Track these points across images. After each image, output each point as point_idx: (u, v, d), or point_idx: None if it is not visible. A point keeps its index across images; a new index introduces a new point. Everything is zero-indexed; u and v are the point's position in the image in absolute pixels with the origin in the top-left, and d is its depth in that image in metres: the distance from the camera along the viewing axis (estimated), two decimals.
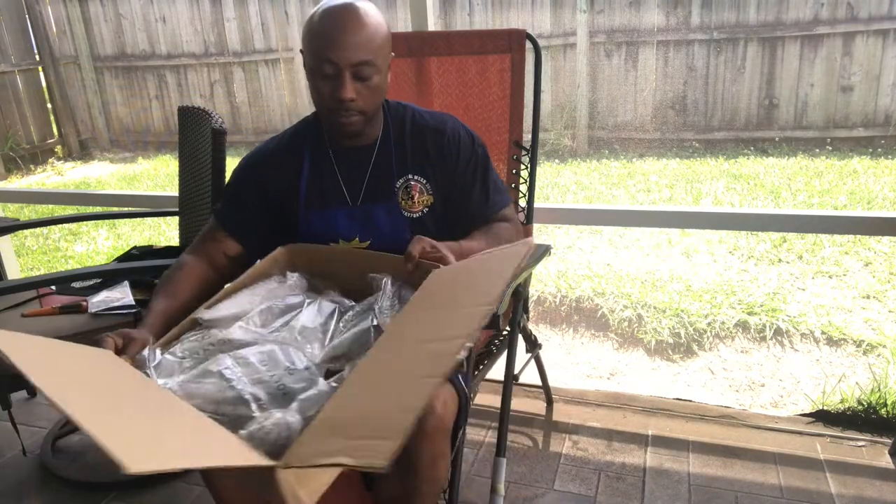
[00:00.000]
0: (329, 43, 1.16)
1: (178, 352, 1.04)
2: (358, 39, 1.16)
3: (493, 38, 1.75)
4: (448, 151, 1.31)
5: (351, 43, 1.16)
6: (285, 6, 6.04)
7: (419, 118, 1.34)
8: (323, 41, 1.17)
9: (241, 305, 1.13)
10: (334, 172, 1.32)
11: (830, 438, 1.84)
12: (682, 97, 5.29)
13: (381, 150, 1.31)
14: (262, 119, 6.40)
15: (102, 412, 0.76)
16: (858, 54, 4.84)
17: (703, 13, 5.06)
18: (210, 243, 1.32)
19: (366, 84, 1.19)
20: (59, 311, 1.67)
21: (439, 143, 1.31)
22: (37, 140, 6.61)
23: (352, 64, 1.17)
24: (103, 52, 6.74)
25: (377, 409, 0.85)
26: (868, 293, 2.87)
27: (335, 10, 1.18)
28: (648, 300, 2.84)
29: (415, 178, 1.31)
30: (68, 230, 4.33)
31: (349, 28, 1.16)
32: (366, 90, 1.20)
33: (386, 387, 0.89)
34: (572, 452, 1.83)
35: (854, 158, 4.70)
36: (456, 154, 1.32)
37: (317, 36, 1.18)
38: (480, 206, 1.35)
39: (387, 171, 1.31)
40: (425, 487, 1.08)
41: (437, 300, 1.05)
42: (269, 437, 0.85)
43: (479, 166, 1.34)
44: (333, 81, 1.18)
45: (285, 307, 1.14)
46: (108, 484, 1.80)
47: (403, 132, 1.32)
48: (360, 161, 1.32)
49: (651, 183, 4.48)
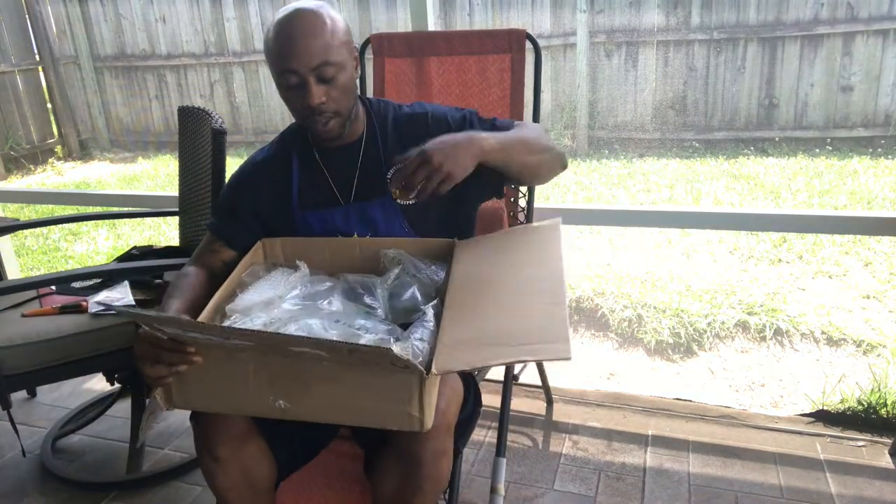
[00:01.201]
0: (286, 53, 1.16)
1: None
2: (312, 43, 1.16)
3: (493, 38, 1.75)
4: (435, 127, 1.28)
5: (305, 48, 1.15)
6: (285, 6, 6.04)
7: (399, 110, 1.34)
8: (279, 53, 1.17)
9: (264, 294, 1.15)
10: (323, 174, 1.32)
11: (830, 438, 1.84)
12: (682, 97, 5.29)
13: (367, 147, 1.31)
14: (262, 119, 6.40)
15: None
16: (858, 54, 4.84)
17: (703, 13, 5.06)
18: (208, 255, 1.33)
19: (332, 85, 1.19)
20: (59, 311, 1.67)
21: (423, 123, 1.30)
22: (37, 140, 6.61)
23: (312, 68, 1.16)
24: (103, 52, 6.74)
25: (522, 325, 0.96)
26: (868, 293, 2.87)
27: (285, 21, 1.18)
28: (648, 300, 2.84)
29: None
30: (68, 230, 4.33)
31: (301, 34, 1.16)
32: (334, 91, 1.19)
33: (513, 309, 1.00)
34: (572, 452, 1.83)
35: (854, 158, 4.70)
36: (446, 126, 1.29)
37: (273, 51, 1.18)
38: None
39: (375, 166, 1.30)
40: (427, 486, 1.08)
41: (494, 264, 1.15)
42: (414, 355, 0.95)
43: (472, 121, 1.31)
44: (300, 90, 1.18)
45: (319, 290, 1.17)
46: (108, 484, 1.81)
47: (386, 126, 1.32)
48: (348, 160, 1.31)
49: (651, 183, 4.48)
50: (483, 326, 0.97)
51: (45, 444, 1.95)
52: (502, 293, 1.06)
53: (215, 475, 1.11)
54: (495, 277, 1.11)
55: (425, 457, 1.06)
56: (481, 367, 0.90)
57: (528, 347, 0.91)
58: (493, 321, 0.98)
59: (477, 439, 1.91)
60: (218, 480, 1.11)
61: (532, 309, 0.99)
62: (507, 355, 0.90)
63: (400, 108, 1.35)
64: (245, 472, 1.13)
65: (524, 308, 1.00)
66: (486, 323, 0.98)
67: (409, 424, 0.91)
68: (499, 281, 1.10)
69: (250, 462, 1.13)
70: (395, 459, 1.10)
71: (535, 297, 1.02)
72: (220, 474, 1.11)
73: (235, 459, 1.11)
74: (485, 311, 1.02)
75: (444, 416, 1.06)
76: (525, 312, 0.99)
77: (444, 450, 1.09)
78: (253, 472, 1.14)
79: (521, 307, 1.01)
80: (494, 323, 0.98)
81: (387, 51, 1.81)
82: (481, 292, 1.07)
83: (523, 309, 1.00)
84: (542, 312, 0.97)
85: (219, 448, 1.09)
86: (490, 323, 0.98)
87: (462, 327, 0.97)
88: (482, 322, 0.98)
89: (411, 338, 0.97)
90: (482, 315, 1.00)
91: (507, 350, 0.90)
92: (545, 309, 0.98)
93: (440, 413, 1.04)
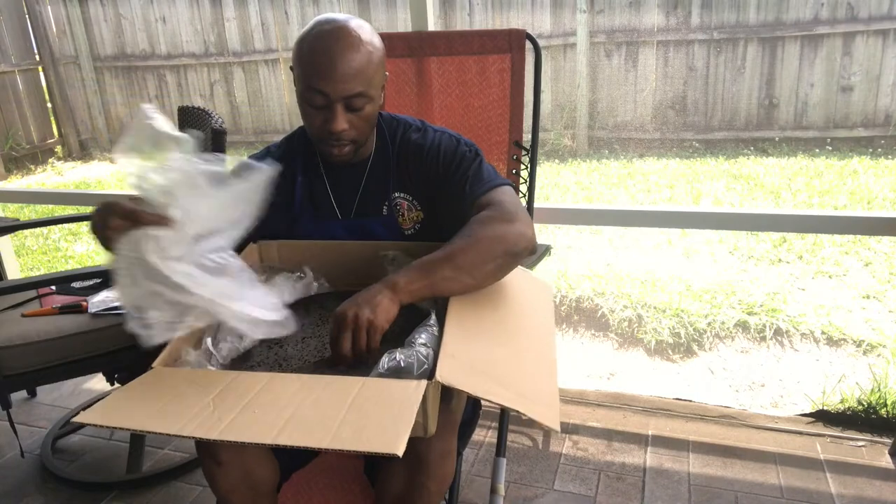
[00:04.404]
0: (320, 73, 1.11)
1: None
2: (350, 70, 1.11)
3: (493, 38, 1.75)
4: (429, 162, 1.25)
5: (343, 75, 1.10)
6: (285, 6, 6.04)
7: (406, 133, 1.29)
8: (313, 70, 1.12)
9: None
10: (325, 189, 1.30)
11: (830, 438, 1.84)
12: (682, 97, 5.29)
13: (372, 169, 1.28)
14: (262, 119, 6.40)
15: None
16: (858, 54, 4.84)
17: (703, 13, 5.06)
18: None
19: (358, 114, 1.15)
20: (59, 311, 1.67)
21: (419, 156, 1.26)
22: (37, 140, 6.61)
23: (344, 97, 1.12)
24: (103, 52, 6.74)
25: (519, 375, 0.95)
26: (868, 293, 2.87)
27: (326, 35, 1.12)
28: (648, 300, 2.84)
29: (401, 195, 1.28)
30: (68, 230, 4.33)
31: (341, 57, 1.10)
32: (358, 120, 1.16)
33: (510, 356, 0.98)
34: (572, 452, 1.83)
35: (854, 158, 4.70)
36: (435, 162, 1.25)
37: (307, 63, 1.13)
38: (460, 198, 1.20)
39: (377, 188, 1.28)
40: (433, 485, 1.08)
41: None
42: (411, 367, 0.93)
43: (461, 165, 1.24)
44: (324, 112, 1.14)
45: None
46: (108, 484, 1.81)
47: (393, 150, 1.29)
48: (352, 179, 1.29)
49: (651, 183, 4.48)
50: (481, 356, 0.96)
51: (45, 444, 1.95)
52: (500, 331, 1.04)
53: (217, 478, 1.11)
54: (493, 312, 1.08)
55: (431, 457, 1.05)
56: (478, 397, 0.88)
57: (522, 401, 0.89)
58: (491, 355, 0.97)
59: (477, 439, 1.91)
60: (220, 483, 1.11)
61: (527, 365, 0.98)
62: (503, 397, 0.89)
63: (407, 131, 1.30)
64: (247, 474, 1.12)
65: (520, 361, 0.99)
66: (484, 354, 0.96)
67: (414, 431, 0.89)
68: (495, 317, 1.07)
69: (252, 464, 1.13)
70: (399, 459, 1.10)
71: (531, 356, 1.01)
72: (221, 477, 1.10)
73: (237, 462, 1.10)
74: (484, 338, 1.00)
75: (450, 416, 1.05)
76: (521, 365, 0.98)
77: (449, 450, 1.08)
78: (255, 474, 1.14)
79: (518, 358, 0.99)
80: (492, 358, 0.96)
81: (387, 50, 1.81)
82: (482, 317, 1.04)
83: (519, 361, 0.99)
84: (536, 374, 0.97)
85: (221, 451, 1.08)
86: (488, 356, 0.96)
87: (464, 346, 0.95)
88: (481, 351, 0.97)
89: (416, 343, 0.95)
90: (481, 342, 0.98)
91: (503, 392, 0.89)
92: (540, 374, 0.98)
93: (447, 413, 1.04)
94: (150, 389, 0.91)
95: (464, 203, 1.18)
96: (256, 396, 0.87)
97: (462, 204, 1.18)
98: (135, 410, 0.87)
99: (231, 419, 0.83)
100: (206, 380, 0.92)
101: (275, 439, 0.78)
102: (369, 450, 0.76)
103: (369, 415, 0.81)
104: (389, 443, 0.76)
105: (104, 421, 0.85)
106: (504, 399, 0.88)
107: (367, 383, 0.87)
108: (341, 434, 0.78)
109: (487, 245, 1.07)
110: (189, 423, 0.83)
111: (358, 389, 0.86)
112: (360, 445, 0.77)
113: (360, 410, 0.82)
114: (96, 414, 0.86)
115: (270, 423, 0.81)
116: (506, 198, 1.17)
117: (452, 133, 1.29)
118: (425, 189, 1.27)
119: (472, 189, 1.19)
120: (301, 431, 0.80)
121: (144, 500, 1.74)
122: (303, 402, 0.85)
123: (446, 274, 1.04)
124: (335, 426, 0.80)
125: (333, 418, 0.81)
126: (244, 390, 0.89)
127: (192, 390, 0.90)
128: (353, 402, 0.84)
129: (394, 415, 0.81)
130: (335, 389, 0.87)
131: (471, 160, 1.23)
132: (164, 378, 0.94)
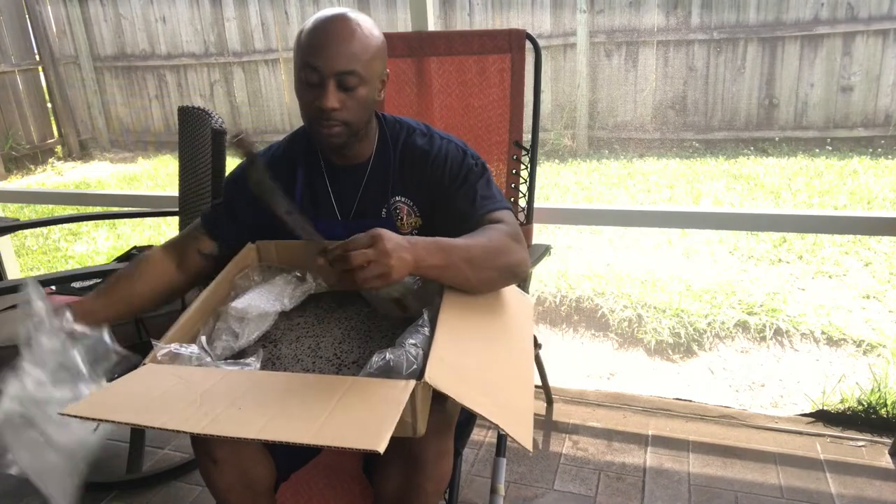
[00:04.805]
0: (315, 50, 1.14)
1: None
2: (345, 49, 1.13)
3: (493, 38, 1.75)
4: (434, 170, 1.25)
5: (337, 52, 1.13)
6: (285, 6, 6.04)
7: (410, 136, 1.29)
8: (308, 46, 1.15)
9: (267, 301, 1.14)
10: (326, 189, 1.30)
11: (830, 438, 1.84)
12: (682, 97, 5.29)
13: (374, 170, 1.28)
14: (262, 119, 6.40)
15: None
16: (858, 54, 4.84)
17: (703, 13, 5.06)
18: (188, 240, 1.30)
19: (351, 95, 1.16)
20: None
21: (423, 162, 1.26)
22: (37, 140, 6.61)
23: (336, 72, 1.13)
24: (103, 52, 6.74)
25: (500, 389, 0.95)
26: (868, 293, 2.87)
27: (325, 19, 1.16)
28: (648, 300, 2.84)
29: (402, 199, 1.28)
30: (68, 230, 4.33)
31: (337, 37, 1.14)
32: (350, 101, 1.16)
33: (493, 370, 0.98)
34: (572, 452, 1.84)
35: (854, 158, 4.70)
36: (441, 171, 1.25)
37: (303, 42, 1.16)
38: (466, 211, 1.21)
39: (377, 190, 1.28)
40: (430, 486, 1.08)
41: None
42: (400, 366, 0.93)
43: (468, 178, 1.25)
44: (316, 90, 1.15)
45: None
46: (107, 484, 1.81)
47: (396, 152, 1.28)
48: (353, 180, 1.29)
49: (651, 183, 4.48)
50: (469, 364, 0.96)
51: None
52: (488, 342, 1.05)
53: (213, 477, 1.11)
54: (482, 320, 1.08)
55: (428, 457, 1.05)
56: (462, 405, 0.88)
57: (502, 414, 0.90)
58: (478, 364, 0.97)
59: (477, 439, 1.91)
60: (216, 481, 1.11)
61: (509, 380, 0.99)
62: (485, 409, 0.89)
63: (412, 134, 1.29)
64: (243, 473, 1.12)
65: (504, 375, 1.00)
66: (472, 362, 0.97)
67: (402, 431, 0.89)
68: (484, 326, 1.07)
69: (248, 463, 1.13)
70: (396, 460, 1.10)
71: (513, 371, 1.02)
72: (218, 476, 1.11)
73: (233, 460, 1.10)
74: (473, 346, 1.00)
75: (446, 417, 1.05)
76: (504, 379, 0.98)
77: (446, 450, 1.08)
78: (251, 473, 1.14)
79: (503, 372, 1.00)
80: (479, 367, 0.97)
81: (387, 50, 1.81)
82: (472, 325, 1.05)
83: (503, 374, 0.99)
84: (515, 390, 0.98)
85: (216, 449, 1.09)
86: (476, 365, 0.97)
87: (453, 351, 0.95)
88: (468, 358, 0.97)
89: (406, 343, 0.96)
90: (468, 350, 0.99)
91: (486, 403, 0.89)
92: (519, 390, 0.99)
93: (443, 413, 1.04)
94: (140, 385, 0.92)
95: (470, 216, 1.20)
96: (244, 394, 0.88)
97: (467, 217, 1.20)
98: (122, 404, 0.88)
99: (216, 414, 0.83)
100: (195, 377, 0.93)
101: (258, 434, 0.79)
102: (352, 446, 0.76)
103: (355, 412, 0.82)
104: (372, 440, 0.76)
105: (91, 413, 0.86)
106: (482, 408, 0.88)
107: (356, 382, 0.88)
108: (325, 430, 0.79)
109: (498, 253, 1.10)
110: (174, 417, 0.84)
111: (346, 388, 0.86)
112: (343, 442, 0.77)
113: (346, 408, 0.83)
114: (84, 407, 0.88)
115: (255, 419, 0.82)
116: (513, 220, 1.21)
117: (458, 142, 1.29)
118: (427, 195, 1.27)
119: (482, 204, 1.21)
120: (285, 427, 0.80)
121: (144, 500, 1.74)
122: (290, 399, 0.86)
123: (459, 263, 1.05)
124: (320, 423, 0.80)
125: (319, 415, 0.81)
126: (232, 387, 0.89)
127: (180, 386, 0.90)
128: (339, 401, 0.84)
129: (380, 413, 0.81)
130: (323, 388, 0.87)
131: (478, 175, 1.25)
132: (154, 374, 0.95)
